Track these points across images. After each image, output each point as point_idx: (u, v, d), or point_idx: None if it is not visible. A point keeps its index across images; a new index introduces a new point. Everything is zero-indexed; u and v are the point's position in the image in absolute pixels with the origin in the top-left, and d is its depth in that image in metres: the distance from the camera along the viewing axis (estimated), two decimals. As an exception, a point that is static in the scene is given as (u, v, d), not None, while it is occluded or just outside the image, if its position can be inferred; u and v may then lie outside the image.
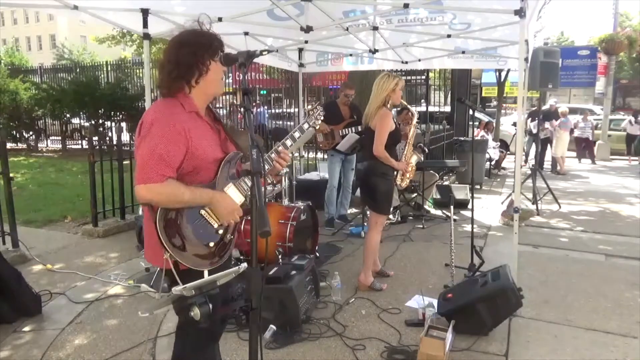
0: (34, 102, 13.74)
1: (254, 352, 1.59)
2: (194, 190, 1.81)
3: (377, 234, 3.94)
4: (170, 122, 1.79)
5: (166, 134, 1.77)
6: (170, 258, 1.79)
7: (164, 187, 1.75)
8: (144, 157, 1.75)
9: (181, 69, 1.85)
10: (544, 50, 6.54)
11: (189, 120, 1.85)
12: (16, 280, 3.46)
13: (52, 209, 6.69)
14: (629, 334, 3.20)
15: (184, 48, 1.85)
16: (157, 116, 1.81)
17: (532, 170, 7.18)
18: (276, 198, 5.02)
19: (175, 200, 1.78)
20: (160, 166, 1.74)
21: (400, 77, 3.85)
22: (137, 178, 1.75)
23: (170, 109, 1.83)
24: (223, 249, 1.94)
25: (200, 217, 1.86)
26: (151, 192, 1.75)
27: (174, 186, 1.77)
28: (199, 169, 1.86)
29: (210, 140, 1.93)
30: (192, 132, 1.83)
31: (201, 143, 1.85)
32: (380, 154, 3.74)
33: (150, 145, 1.76)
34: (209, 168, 1.90)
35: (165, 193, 1.76)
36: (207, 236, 1.87)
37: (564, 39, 38.01)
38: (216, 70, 1.91)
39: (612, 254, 4.99)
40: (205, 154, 1.87)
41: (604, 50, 15.45)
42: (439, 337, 2.79)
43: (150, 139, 1.77)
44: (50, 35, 46.11)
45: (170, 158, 1.76)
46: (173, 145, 1.77)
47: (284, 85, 12.55)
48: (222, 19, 4.32)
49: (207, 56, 1.87)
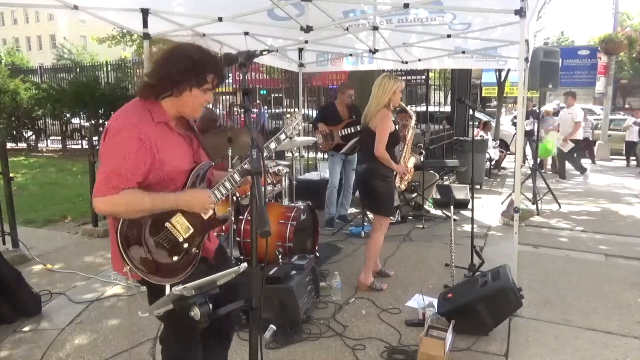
0: (34, 102, 13.74)
1: (254, 352, 1.59)
2: (155, 196, 1.75)
3: (381, 235, 3.94)
4: (134, 132, 1.71)
5: (128, 144, 1.70)
6: (130, 271, 1.76)
7: (120, 198, 1.68)
8: (102, 168, 1.71)
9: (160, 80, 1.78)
10: (544, 50, 6.54)
11: (157, 130, 1.78)
12: (16, 280, 3.46)
13: (52, 209, 6.69)
14: (629, 334, 3.20)
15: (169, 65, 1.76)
16: (122, 125, 1.73)
17: (532, 170, 7.18)
18: (276, 198, 5.02)
19: (136, 210, 1.73)
20: (117, 178, 1.68)
21: (401, 79, 3.85)
22: (94, 190, 1.71)
23: (137, 118, 1.76)
24: (188, 263, 1.87)
25: (165, 229, 1.81)
26: (107, 204, 1.71)
27: (132, 195, 1.70)
28: (167, 180, 1.81)
29: (180, 150, 1.87)
30: (159, 143, 1.76)
31: (169, 154, 1.80)
32: (381, 154, 3.74)
33: (109, 156, 1.71)
34: (178, 179, 1.85)
35: (122, 204, 1.70)
36: (171, 250, 1.82)
37: (564, 39, 38.03)
38: (194, 96, 1.82)
39: (612, 254, 4.98)
40: (173, 165, 1.81)
41: (604, 50, 15.44)
42: (439, 337, 2.79)
43: (111, 148, 1.72)
44: (50, 35, 46.08)
45: (129, 169, 1.70)
46: (134, 157, 1.70)
47: (284, 85, 12.55)
48: (222, 19, 4.33)
49: (192, 82, 1.78)
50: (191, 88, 1.79)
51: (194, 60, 1.77)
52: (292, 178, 5.25)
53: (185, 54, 1.78)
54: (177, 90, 1.79)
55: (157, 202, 1.76)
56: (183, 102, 1.82)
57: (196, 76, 1.77)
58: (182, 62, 1.76)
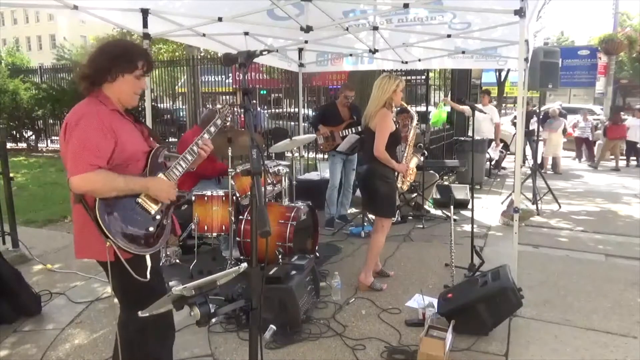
0: (34, 102, 13.73)
1: (254, 352, 1.59)
2: (127, 178, 1.93)
3: (382, 236, 3.93)
4: (97, 116, 1.90)
5: (95, 127, 1.87)
6: (113, 245, 1.87)
7: (97, 174, 1.84)
8: (75, 150, 1.85)
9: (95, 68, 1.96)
10: (544, 50, 6.53)
11: (112, 116, 1.96)
12: (16, 280, 3.46)
13: (52, 209, 6.69)
14: (629, 334, 3.20)
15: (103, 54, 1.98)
16: (84, 112, 1.91)
17: (532, 170, 7.18)
18: (276, 198, 5.02)
19: (111, 187, 1.88)
20: (91, 157, 1.84)
21: (401, 78, 3.84)
22: (70, 171, 1.84)
23: (94, 107, 1.94)
24: (162, 232, 2.07)
25: (137, 204, 1.99)
26: (86, 181, 1.83)
27: (107, 174, 1.87)
28: (128, 161, 1.98)
29: (135, 136, 2.06)
30: (118, 126, 1.95)
31: (126, 138, 1.98)
32: (381, 154, 3.73)
33: (80, 138, 1.85)
34: (138, 160, 2.04)
35: (100, 181, 1.85)
36: (146, 222, 2.00)
37: (564, 39, 38.02)
38: (127, 82, 2.00)
39: (612, 254, 4.98)
40: (134, 147, 2.01)
41: (604, 50, 15.47)
42: (439, 337, 2.79)
43: (79, 132, 1.86)
44: (50, 35, 46.07)
45: (100, 149, 1.86)
46: (102, 138, 1.87)
47: (284, 85, 12.55)
48: (222, 19, 4.33)
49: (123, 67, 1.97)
50: (123, 73, 1.97)
51: (124, 47, 2.00)
52: (292, 178, 5.25)
53: (116, 44, 2.03)
54: (111, 77, 1.97)
55: (130, 183, 1.93)
56: (118, 88, 2.00)
57: (127, 62, 1.97)
58: (113, 50, 1.98)
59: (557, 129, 10.68)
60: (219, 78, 14.58)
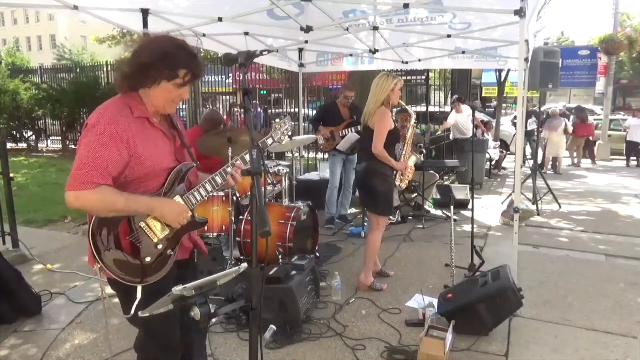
0: (34, 102, 13.73)
1: (254, 352, 1.59)
2: (130, 197, 1.71)
3: (378, 234, 3.93)
4: (110, 126, 1.68)
5: (103, 138, 1.66)
6: (99, 270, 1.76)
7: (94, 194, 1.65)
8: (79, 161, 1.67)
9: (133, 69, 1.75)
10: (544, 50, 6.53)
11: (136, 125, 1.75)
12: (16, 280, 3.46)
13: (52, 209, 6.69)
14: (629, 334, 3.20)
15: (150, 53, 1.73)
16: (99, 119, 1.70)
17: (532, 170, 7.18)
18: (276, 198, 5.01)
19: (107, 209, 1.69)
20: (92, 172, 1.64)
21: (399, 77, 3.85)
22: (68, 182, 1.66)
23: (115, 112, 1.73)
24: (162, 264, 1.84)
25: (139, 229, 1.79)
26: (79, 200, 1.66)
27: (105, 193, 1.66)
28: (146, 177, 1.78)
29: (161, 147, 1.83)
30: (138, 138, 1.73)
31: (148, 150, 1.76)
32: (379, 152, 3.73)
33: (88, 148, 1.67)
34: (157, 177, 1.82)
35: (94, 200, 1.66)
36: (144, 250, 1.79)
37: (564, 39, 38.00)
38: (165, 90, 1.77)
39: (612, 254, 4.98)
40: (151, 161, 1.78)
41: (604, 50, 15.43)
42: (439, 337, 2.79)
43: (89, 140, 1.68)
44: (50, 35, 46.08)
45: (104, 164, 1.66)
46: (109, 151, 1.66)
47: (284, 85, 12.55)
48: (222, 19, 4.33)
49: (164, 73, 1.73)
50: (160, 81, 1.74)
51: (165, 52, 1.72)
52: (292, 178, 5.26)
53: (158, 45, 1.74)
54: (148, 82, 1.75)
55: (131, 204, 1.72)
56: (154, 95, 1.78)
57: (167, 69, 1.72)
58: (154, 53, 1.72)
59: (556, 128, 10.69)
60: (219, 78, 14.58)
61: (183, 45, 1.77)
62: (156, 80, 1.74)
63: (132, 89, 1.78)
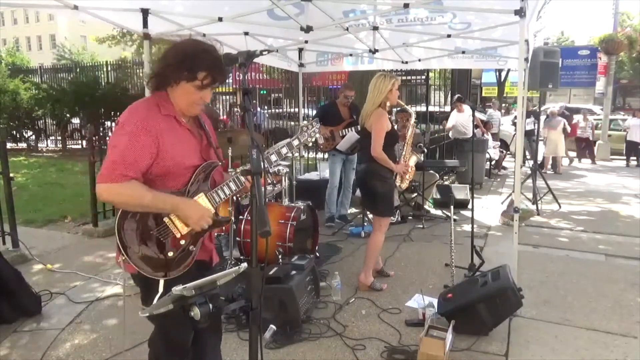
0: (34, 102, 13.73)
1: (254, 352, 1.59)
2: (157, 195, 1.77)
3: (381, 235, 3.93)
4: (140, 123, 1.76)
5: (133, 134, 1.74)
6: (124, 262, 1.80)
7: (123, 187, 1.73)
8: (108, 156, 1.76)
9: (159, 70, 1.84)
10: (544, 50, 6.53)
11: (163, 122, 1.82)
12: (16, 280, 3.46)
13: (52, 209, 6.69)
14: (629, 334, 3.20)
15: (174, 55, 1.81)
16: (128, 117, 1.79)
17: (532, 170, 7.18)
18: (276, 198, 5.02)
19: (135, 203, 1.77)
20: (122, 167, 1.73)
21: (396, 76, 3.83)
22: (99, 176, 1.76)
23: (144, 110, 1.82)
24: (184, 260, 1.88)
25: (163, 224, 1.84)
26: (109, 192, 1.75)
27: (134, 188, 1.74)
28: (171, 174, 1.84)
29: (187, 146, 1.89)
30: (165, 135, 1.80)
31: (174, 147, 1.83)
32: (378, 155, 3.72)
33: (116, 145, 1.75)
34: (183, 174, 1.87)
35: (124, 194, 1.74)
36: (167, 245, 1.84)
37: (564, 39, 38.03)
38: (186, 91, 1.83)
39: (612, 254, 4.98)
40: (177, 158, 1.84)
41: (604, 50, 15.44)
42: (439, 337, 2.79)
43: (118, 137, 1.77)
44: (50, 35, 46.07)
45: (134, 159, 1.74)
46: (138, 147, 1.75)
47: (284, 85, 12.54)
48: (222, 19, 4.32)
49: (183, 74, 1.79)
50: (180, 81, 1.81)
51: (186, 54, 1.79)
52: (292, 178, 5.26)
53: (182, 48, 1.81)
54: (171, 82, 1.83)
55: (158, 201, 1.78)
56: (177, 95, 1.85)
57: (187, 70, 1.78)
58: (177, 55, 1.80)
59: (556, 127, 10.70)
60: (219, 78, 14.54)
61: (208, 49, 1.82)
62: (177, 81, 1.81)
63: (159, 88, 1.87)
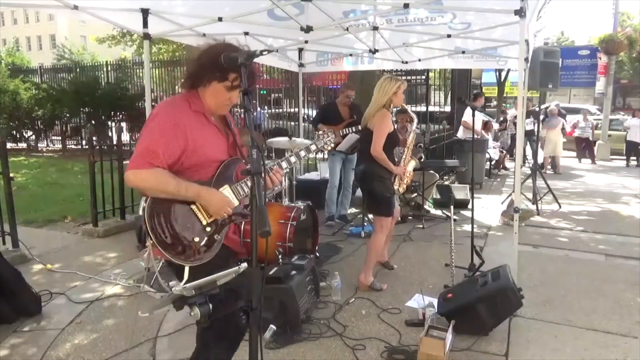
0: (34, 102, 13.73)
1: (254, 352, 1.59)
2: (180, 182, 1.86)
3: (382, 236, 3.93)
4: (170, 116, 1.89)
5: (164, 127, 1.86)
6: (153, 246, 1.87)
7: (150, 174, 1.83)
8: (140, 144, 1.88)
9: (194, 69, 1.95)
10: (544, 50, 6.54)
11: (193, 118, 1.93)
12: (16, 280, 3.46)
13: (52, 209, 6.69)
14: (629, 334, 3.20)
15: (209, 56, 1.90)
16: (161, 110, 1.93)
17: (532, 170, 7.18)
18: (276, 198, 5.02)
19: (160, 189, 1.86)
20: (150, 155, 1.83)
21: (403, 80, 3.84)
22: (129, 163, 1.86)
23: (175, 106, 1.94)
24: (209, 247, 1.94)
25: (190, 211, 1.92)
26: (137, 178, 1.85)
27: (160, 175, 1.84)
28: (199, 166, 1.94)
29: (215, 141, 2.00)
30: (194, 129, 1.91)
31: (202, 142, 1.93)
32: (378, 154, 3.73)
33: (149, 134, 1.88)
34: (210, 167, 1.97)
35: (150, 180, 1.84)
36: (193, 231, 1.91)
37: (564, 39, 38.05)
38: (216, 91, 1.94)
39: (612, 254, 4.98)
40: (206, 152, 1.94)
41: (604, 50, 15.45)
42: (439, 337, 2.79)
43: (149, 129, 1.89)
44: (50, 35, 46.10)
45: (162, 149, 1.84)
46: (168, 138, 1.85)
47: (284, 85, 12.54)
48: (222, 19, 4.33)
49: (215, 75, 1.90)
50: (212, 81, 1.92)
51: (219, 56, 1.85)
52: (292, 178, 5.26)
53: (216, 49, 1.90)
54: (203, 82, 1.94)
55: (181, 188, 1.86)
56: (208, 95, 1.96)
57: (219, 71, 1.88)
58: (211, 56, 1.89)
59: (555, 127, 10.70)
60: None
61: (239, 51, 1.89)
62: (209, 80, 1.93)
63: (192, 87, 1.98)
